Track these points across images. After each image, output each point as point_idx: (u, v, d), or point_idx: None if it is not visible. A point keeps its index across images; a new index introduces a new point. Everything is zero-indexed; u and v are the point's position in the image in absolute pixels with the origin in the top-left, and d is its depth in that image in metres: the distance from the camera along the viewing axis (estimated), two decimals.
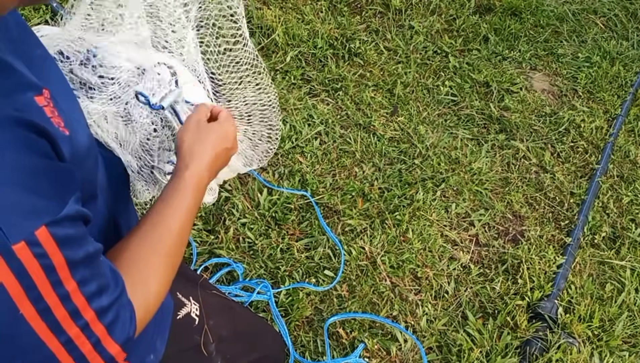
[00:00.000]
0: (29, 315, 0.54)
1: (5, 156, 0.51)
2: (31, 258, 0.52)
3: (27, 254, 0.51)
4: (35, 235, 0.52)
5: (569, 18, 3.05)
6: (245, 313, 1.26)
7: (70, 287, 0.56)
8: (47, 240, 0.53)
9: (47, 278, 0.54)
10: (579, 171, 2.26)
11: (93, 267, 0.59)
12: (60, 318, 0.56)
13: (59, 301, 0.55)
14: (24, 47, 0.66)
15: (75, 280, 0.56)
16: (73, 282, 0.56)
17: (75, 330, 0.57)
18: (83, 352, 0.59)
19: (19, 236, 0.50)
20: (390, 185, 2.03)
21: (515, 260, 1.89)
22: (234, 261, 1.73)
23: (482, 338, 1.66)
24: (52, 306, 0.55)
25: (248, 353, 1.10)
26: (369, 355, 1.60)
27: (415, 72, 2.53)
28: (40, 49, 0.71)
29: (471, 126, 2.36)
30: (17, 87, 0.56)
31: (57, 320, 0.56)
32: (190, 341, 0.98)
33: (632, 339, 1.75)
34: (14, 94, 0.55)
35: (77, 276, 0.56)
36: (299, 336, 1.62)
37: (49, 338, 0.56)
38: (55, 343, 0.56)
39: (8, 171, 0.51)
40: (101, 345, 0.60)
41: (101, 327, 0.60)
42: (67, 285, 0.55)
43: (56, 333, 0.56)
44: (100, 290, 0.60)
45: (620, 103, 2.58)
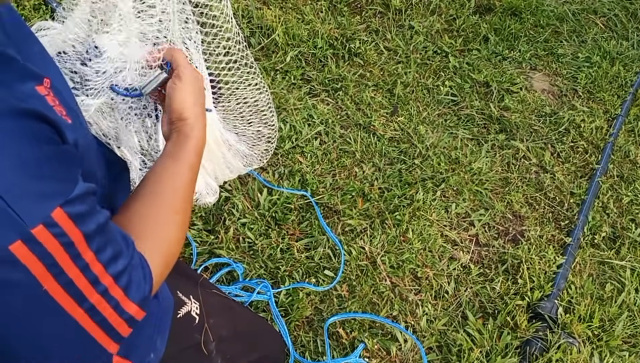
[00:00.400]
0: (53, 290, 0.56)
1: (13, 145, 0.53)
2: (51, 238, 0.54)
3: (46, 235, 0.54)
4: (51, 216, 0.54)
5: (569, 18, 3.05)
6: (245, 313, 1.26)
7: (88, 257, 0.58)
8: (64, 219, 0.55)
9: (67, 254, 0.56)
10: (579, 171, 2.26)
11: (106, 235, 0.62)
12: (82, 287, 0.59)
13: (80, 273, 0.58)
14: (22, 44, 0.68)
15: (92, 250, 0.59)
16: (90, 252, 0.59)
17: (97, 297, 0.60)
18: (105, 315, 0.62)
19: (37, 219, 0.53)
20: (390, 185, 2.03)
21: (515, 260, 1.89)
22: (234, 261, 1.73)
23: (482, 338, 1.66)
24: (74, 278, 0.57)
25: (248, 352, 1.10)
26: (369, 355, 1.60)
27: (415, 72, 2.53)
28: (38, 46, 0.73)
29: (471, 126, 2.36)
30: (18, 78, 0.58)
31: (79, 290, 0.58)
32: (190, 340, 0.98)
33: (632, 339, 1.75)
34: (15, 84, 0.57)
35: (93, 246, 0.59)
36: (299, 336, 1.62)
37: (73, 309, 0.59)
38: (79, 312, 0.59)
39: (17, 160, 0.53)
40: (120, 307, 0.63)
41: (119, 290, 0.63)
42: (86, 256, 0.58)
43: (79, 302, 0.59)
44: (115, 255, 0.62)
45: (620, 103, 2.58)
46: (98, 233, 0.60)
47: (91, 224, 0.59)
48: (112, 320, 0.63)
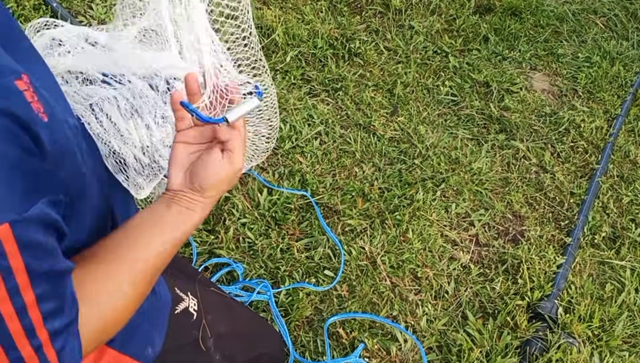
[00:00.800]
0: None
1: None
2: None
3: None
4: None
5: (569, 18, 3.04)
6: (244, 311, 1.26)
7: (28, 299, 0.50)
8: (8, 239, 0.47)
9: (4, 282, 0.48)
10: (579, 171, 2.26)
11: (56, 285, 0.54)
12: (13, 333, 0.50)
13: (15, 313, 0.50)
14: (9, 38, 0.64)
15: (35, 293, 0.51)
16: (32, 294, 0.51)
17: (29, 351, 0.52)
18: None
19: None
20: (390, 185, 2.03)
21: (515, 260, 1.89)
22: (234, 261, 1.73)
23: (482, 338, 1.66)
24: (6, 317, 0.49)
25: (247, 349, 1.10)
26: (369, 355, 1.60)
27: (415, 72, 2.53)
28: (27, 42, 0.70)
29: (471, 126, 2.36)
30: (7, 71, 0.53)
31: (10, 334, 0.50)
32: (188, 336, 0.98)
33: (632, 339, 1.75)
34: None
35: (37, 289, 0.51)
36: (299, 336, 1.62)
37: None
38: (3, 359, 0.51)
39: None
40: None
41: (52, 352, 0.55)
42: (25, 295, 0.50)
43: (7, 350, 0.51)
44: (57, 311, 0.55)
45: (620, 103, 2.58)
46: (47, 277, 0.52)
47: (42, 263, 0.51)
48: None
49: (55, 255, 0.54)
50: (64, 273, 0.56)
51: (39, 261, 0.51)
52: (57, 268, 0.54)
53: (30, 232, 0.49)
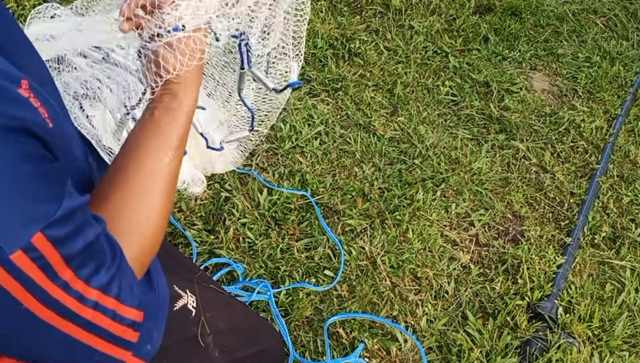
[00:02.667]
0: (35, 308, 0.56)
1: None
2: (28, 262, 0.53)
3: (24, 260, 0.53)
4: (31, 242, 0.53)
5: (569, 18, 3.04)
6: (243, 308, 1.26)
7: (67, 276, 0.57)
8: (43, 244, 0.54)
9: (45, 274, 0.55)
10: (579, 171, 2.26)
11: (91, 251, 0.60)
12: (70, 305, 0.58)
13: (62, 291, 0.57)
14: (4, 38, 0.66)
15: (71, 268, 0.57)
16: (69, 271, 0.57)
17: (90, 312, 0.60)
18: (105, 327, 0.61)
19: (16, 246, 0.52)
20: (390, 185, 2.03)
21: (515, 260, 1.89)
22: (234, 261, 1.73)
23: (482, 338, 1.66)
24: (57, 297, 0.57)
25: (246, 346, 1.10)
26: (369, 355, 1.60)
27: (415, 72, 2.53)
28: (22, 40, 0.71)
29: (471, 126, 2.36)
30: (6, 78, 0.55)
31: (67, 307, 0.58)
32: (187, 332, 0.99)
33: (632, 339, 1.75)
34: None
35: (73, 264, 0.57)
36: (299, 336, 1.62)
37: (65, 325, 0.59)
38: (74, 329, 0.59)
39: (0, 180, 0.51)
40: (119, 315, 0.63)
41: (111, 300, 0.62)
42: (64, 275, 0.57)
43: (71, 319, 0.59)
44: (98, 267, 0.61)
45: (620, 103, 2.58)
46: (82, 252, 0.58)
47: (75, 245, 0.57)
48: (115, 330, 0.63)
49: (84, 228, 0.59)
50: (96, 238, 0.61)
51: (72, 245, 0.57)
52: (89, 238, 0.59)
53: (60, 229, 0.55)
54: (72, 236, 0.57)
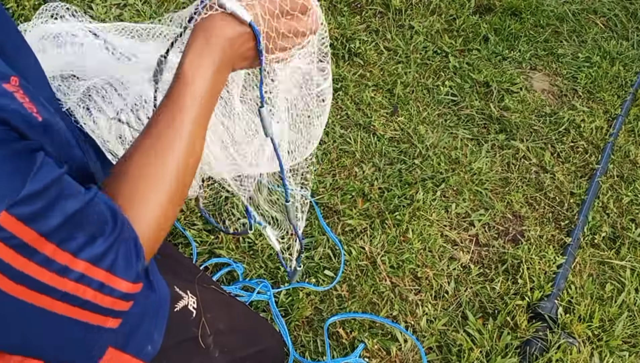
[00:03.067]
0: (10, 289, 0.55)
1: None
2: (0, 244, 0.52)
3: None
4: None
5: (569, 18, 3.05)
6: (243, 308, 1.26)
7: (48, 251, 0.56)
8: (12, 223, 0.53)
9: (19, 254, 0.54)
10: (579, 171, 2.26)
11: (77, 222, 0.59)
12: (47, 280, 0.57)
13: (40, 267, 0.56)
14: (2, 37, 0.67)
15: (54, 242, 0.56)
16: (51, 245, 0.56)
17: (71, 284, 0.58)
18: (87, 298, 0.60)
19: None
20: (390, 185, 2.03)
21: (515, 260, 1.89)
22: (234, 261, 1.73)
23: (482, 338, 1.66)
24: (33, 274, 0.55)
25: (246, 346, 1.11)
26: (369, 355, 1.60)
27: (415, 72, 2.53)
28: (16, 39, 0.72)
29: (471, 126, 2.36)
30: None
31: (44, 283, 0.56)
32: (187, 333, 0.99)
33: (632, 339, 1.75)
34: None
35: (55, 239, 0.56)
36: (299, 336, 1.62)
37: (42, 301, 0.57)
38: (50, 302, 0.58)
39: None
40: (108, 287, 0.61)
41: (100, 272, 0.60)
42: (45, 250, 0.56)
43: (48, 293, 0.57)
44: (91, 238, 0.60)
45: (620, 103, 2.58)
46: (63, 226, 0.57)
47: (51, 220, 0.56)
48: (99, 300, 0.61)
49: (63, 200, 0.58)
50: (82, 207, 0.60)
51: (48, 220, 0.56)
52: (69, 210, 0.58)
53: (30, 206, 0.54)
54: (45, 211, 0.56)
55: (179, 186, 0.72)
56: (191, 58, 0.73)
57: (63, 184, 0.59)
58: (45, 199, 0.56)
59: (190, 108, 0.73)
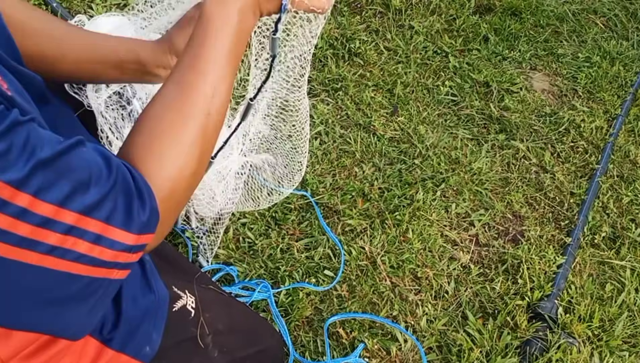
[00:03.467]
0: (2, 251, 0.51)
1: None
2: None
3: None
4: None
5: (569, 18, 3.04)
6: (242, 308, 1.26)
7: (23, 201, 0.51)
8: None
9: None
10: (579, 171, 2.26)
11: (56, 169, 0.54)
12: (26, 233, 0.52)
13: (15, 220, 0.51)
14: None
15: (29, 193, 0.51)
16: (25, 196, 0.51)
17: (57, 236, 0.53)
18: (80, 251, 0.55)
19: None
20: (390, 185, 2.03)
21: (515, 260, 1.89)
22: (231, 262, 1.73)
23: (482, 338, 1.66)
24: (8, 227, 0.51)
25: (246, 346, 1.10)
26: (369, 355, 1.60)
27: (415, 72, 2.53)
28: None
29: (471, 126, 2.36)
30: None
31: (23, 236, 0.52)
32: (186, 333, 0.98)
33: (632, 339, 1.75)
34: None
35: (29, 189, 0.51)
36: (299, 336, 1.62)
37: (25, 255, 0.53)
38: (36, 257, 0.53)
39: None
40: (106, 239, 0.57)
41: (96, 222, 0.56)
42: (17, 201, 0.51)
43: (31, 247, 0.53)
44: (81, 187, 0.55)
45: (620, 103, 2.58)
46: (34, 172, 0.52)
47: (19, 166, 0.51)
48: (97, 254, 0.56)
49: (28, 148, 0.52)
50: (64, 154, 0.55)
51: (18, 168, 0.50)
52: (42, 157, 0.52)
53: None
54: (8, 157, 0.50)
55: (200, 135, 0.66)
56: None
57: (29, 132, 0.53)
58: (6, 143, 0.51)
59: (212, 48, 0.67)
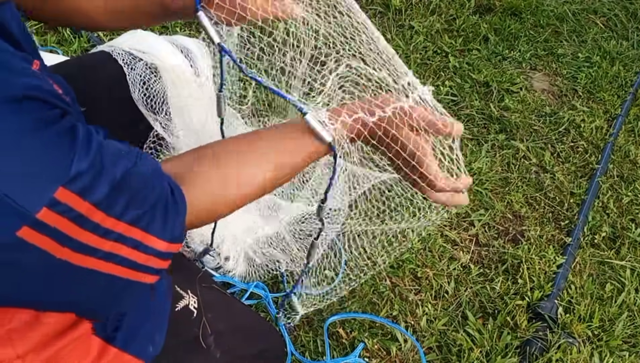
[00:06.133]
0: (66, 256, 0.59)
1: (8, 136, 0.54)
2: (56, 216, 0.56)
3: (52, 215, 0.56)
4: (54, 197, 0.56)
5: (569, 18, 3.05)
6: (244, 308, 1.26)
7: (98, 218, 0.60)
8: (69, 197, 0.57)
9: (76, 224, 0.58)
10: (579, 171, 2.26)
11: (121, 187, 0.62)
12: (93, 243, 0.60)
13: (91, 233, 0.60)
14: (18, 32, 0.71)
15: (102, 210, 0.60)
16: (100, 213, 0.60)
17: (110, 244, 0.62)
18: (123, 255, 0.63)
19: (40, 204, 0.55)
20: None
21: (515, 260, 1.89)
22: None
23: (482, 338, 1.66)
24: (85, 240, 0.60)
25: (247, 346, 1.11)
26: (368, 355, 1.60)
27: (415, 72, 2.53)
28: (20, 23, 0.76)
29: (471, 126, 2.36)
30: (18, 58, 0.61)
31: (91, 246, 0.60)
32: (188, 333, 0.99)
33: (632, 339, 1.75)
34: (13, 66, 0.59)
35: (102, 206, 0.60)
36: (299, 336, 1.62)
37: (88, 261, 0.61)
38: (94, 262, 0.61)
39: (15, 150, 0.55)
40: (143, 245, 0.65)
41: (137, 231, 0.64)
42: (95, 218, 0.60)
43: (92, 254, 0.61)
44: (130, 202, 0.63)
45: (620, 103, 2.58)
46: (110, 192, 0.60)
47: (101, 190, 0.60)
48: (135, 257, 0.65)
49: (108, 171, 0.61)
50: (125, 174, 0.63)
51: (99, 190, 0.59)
52: (115, 176, 0.61)
53: (82, 180, 0.58)
54: (95, 182, 0.59)
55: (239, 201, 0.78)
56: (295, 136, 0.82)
57: (106, 151, 0.62)
58: (94, 171, 0.59)
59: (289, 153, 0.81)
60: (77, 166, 0.58)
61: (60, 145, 0.58)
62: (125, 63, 1.16)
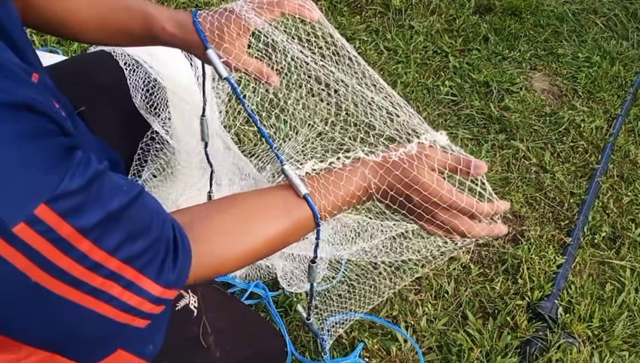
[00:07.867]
0: (44, 281, 0.55)
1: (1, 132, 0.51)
2: (34, 235, 0.52)
3: (29, 232, 0.52)
4: (34, 214, 0.52)
5: (569, 18, 3.05)
6: (244, 308, 1.26)
7: (84, 247, 0.56)
8: (49, 216, 0.53)
9: (56, 248, 0.54)
10: (579, 171, 2.26)
11: (117, 220, 0.59)
12: (79, 274, 0.57)
13: (74, 262, 0.56)
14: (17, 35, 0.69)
15: (90, 239, 0.56)
16: (87, 242, 0.56)
17: (100, 280, 0.59)
18: (113, 294, 0.60)
19: (18, 218, 0.51)
20: None
21: (515, 260, 1.89)
22: None
23: (482, 338, 1.66)
24: (67, 268, 0.56)
25: (247, 346, 1.11)
26: (368, 355, 1.60)
27: (415, 72, 2.53)
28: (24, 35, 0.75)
29: (471, 126, 2.36)
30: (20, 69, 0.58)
31: (76, 277, 0.57)
32: (188, 332, 0.99)
33: (632, 339, 1.75)
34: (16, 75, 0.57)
35: (91, 236, 0.56)
36: (299, 336, 1.62)
37: (72, 294, 0.57)
38: (80, 296, 0.58)
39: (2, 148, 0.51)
40: (136, 286, 0.62)
41: (131, 270, 0.61)
42: (81, 246, 0.56)
43: (78, 287, 0.57)
44: (131, 237, 0.60)
45: (620, 103, 2.58)
46: (101, 223, 0.57)
47: (90, 217, 0.56)
48: (126, 298, 0.61)
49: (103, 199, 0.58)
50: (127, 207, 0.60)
51: (89, 215, 0.56)
52: (112, 209, 0.58)
53: (69, 201, 0.54)
54: (84, 208, 0.56)
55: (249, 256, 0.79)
56: None
57: (104, 181, 0.59)
58: (84, 196, 0.56)
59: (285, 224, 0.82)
60: (67, 185, 0.54)
61: (53, 160, 0.55)
62: (127, 66, 1.15)
